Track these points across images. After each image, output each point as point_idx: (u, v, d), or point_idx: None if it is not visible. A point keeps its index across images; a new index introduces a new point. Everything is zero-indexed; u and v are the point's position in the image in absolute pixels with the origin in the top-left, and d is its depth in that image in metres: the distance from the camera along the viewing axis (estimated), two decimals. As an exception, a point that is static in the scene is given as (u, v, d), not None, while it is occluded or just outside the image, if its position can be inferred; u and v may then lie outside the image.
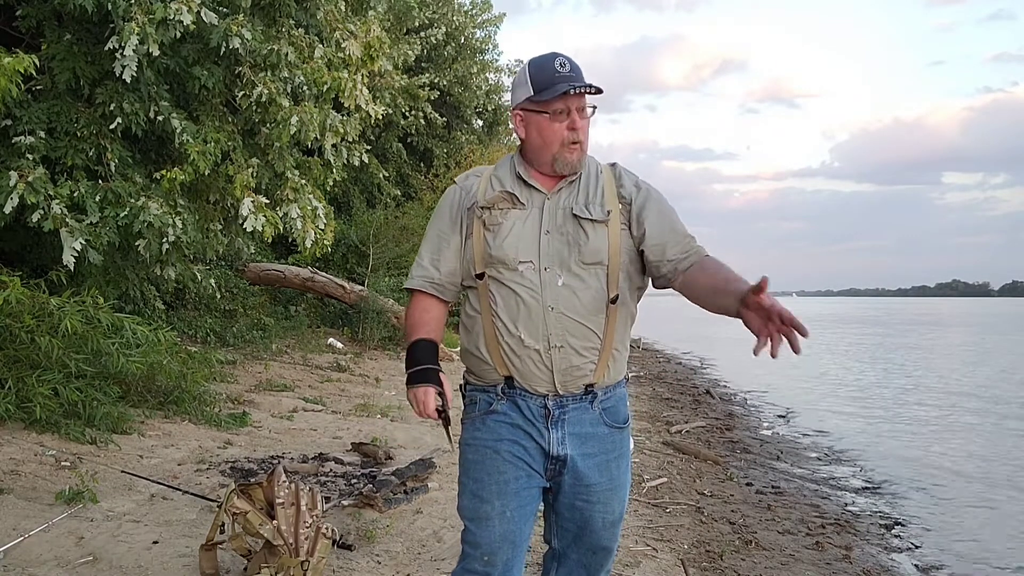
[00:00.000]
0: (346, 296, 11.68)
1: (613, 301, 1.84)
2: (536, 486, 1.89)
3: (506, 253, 1.83)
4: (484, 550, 1.87)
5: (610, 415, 1.90)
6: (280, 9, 6.22)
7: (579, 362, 1.83)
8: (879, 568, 4.24)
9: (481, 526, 1.87)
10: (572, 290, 1.82)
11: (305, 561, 2.69)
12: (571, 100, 1.83)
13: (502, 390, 1.87)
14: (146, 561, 3.07)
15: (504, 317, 1.84)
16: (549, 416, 1.85)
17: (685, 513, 4.81)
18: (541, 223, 1.85)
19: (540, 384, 1.84)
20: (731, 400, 11.37)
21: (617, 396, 1.93)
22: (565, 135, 1.84)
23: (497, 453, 1.87)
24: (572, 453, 1.86)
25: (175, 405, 5.72)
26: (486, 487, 1.87)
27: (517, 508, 1.87)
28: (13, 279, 4.74)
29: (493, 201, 1.88)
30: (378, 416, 6.75)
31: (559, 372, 1.82)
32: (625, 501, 1.96)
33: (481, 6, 19.79)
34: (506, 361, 1.85)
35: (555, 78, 1.83)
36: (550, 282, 1.81)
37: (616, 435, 1.91)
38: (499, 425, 1.87)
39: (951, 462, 7.52)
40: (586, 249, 1.82)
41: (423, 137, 17.91)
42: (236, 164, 6.05)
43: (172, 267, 6.78)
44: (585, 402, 1.86)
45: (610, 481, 1.89)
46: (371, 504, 3.91)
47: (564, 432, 1.85)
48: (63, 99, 5.40)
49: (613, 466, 1.90)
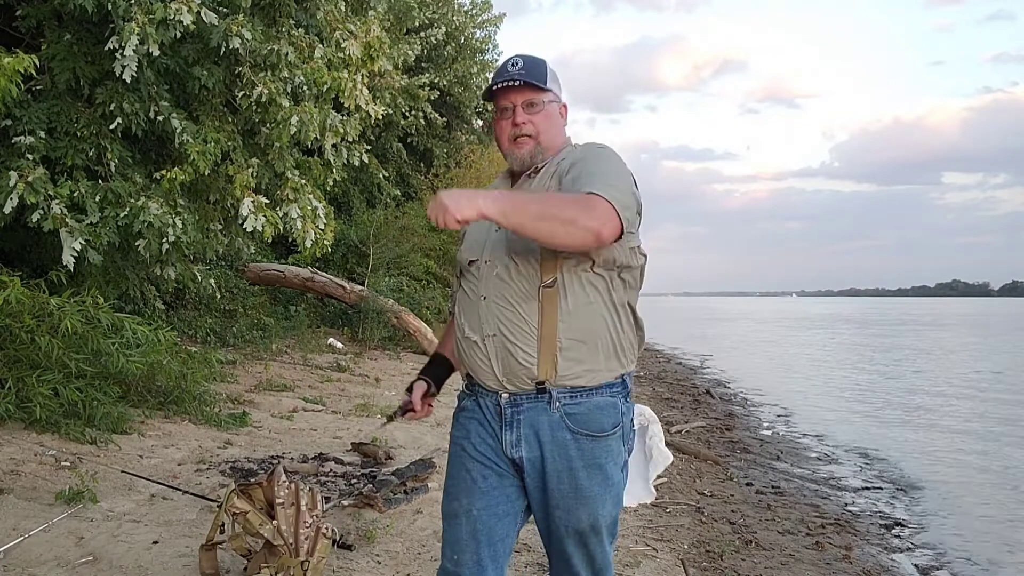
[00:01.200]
0: (346, 296, 11.68)
1: (549, 286, 1.75)
2: (511, 485, 1.84)
3: (463, 256, 1.91)
4: (453, 548, 1.85)
5: (577, 421, 1.77)
6: (280, 9, 6.22)
7: (512, 350, 1.77)
8: (879, 568, 4.24)
9: (450, 524, 1.87)
10: (503, 278, 1.79)
11: (305, 561, 2.69)
12: (513, 96, 1.84)
13: (467, 387, 1.92)
14: (146, 561, 3.07)
15: (458, 314, 1.92)
16: (502, 415, 1.81)
17: (685, 513, 4.82)
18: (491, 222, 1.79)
19: (488, 378, 1.82)
20: (731, 400, 11.38)
21: (593, 404, 1.78)
22: (509, 131, 1.87)
23: (464, 451, 1.88)
24: (528, 455, 1.80)
25: (175, 405, 5.72)
26: (455, 484, 1.88)
27: (485, 507, 1.83)
28: (13, 279, 4.74)
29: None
30: (378, 416, 6.75)
31: (497, 362, 1.79)
32: (600, 514, 1.80)
33: (481, 6, 19.79)
34: (462, 356, 1.90)
35: (500, 76, 1.86)
36: (487, 273, 1.82)
37: (585, 443, 1.77)
38: (468, 421, 1.89)
39: (951, 462, 7.53)
40: (514, 236, 1.74)
41: (423, 137, 17.90)
42: (236, 164, 6.05)
43: (172, 267, 6.78)
44: (541, 402, 1.77)
45: (574, 490, 1.77)
46: (371, 504, 3.91)
47: (519, 433, 1.80)
48: (63, 99, 5.40)
49: (581, 475, 1.77)
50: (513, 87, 1.84)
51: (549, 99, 1.88)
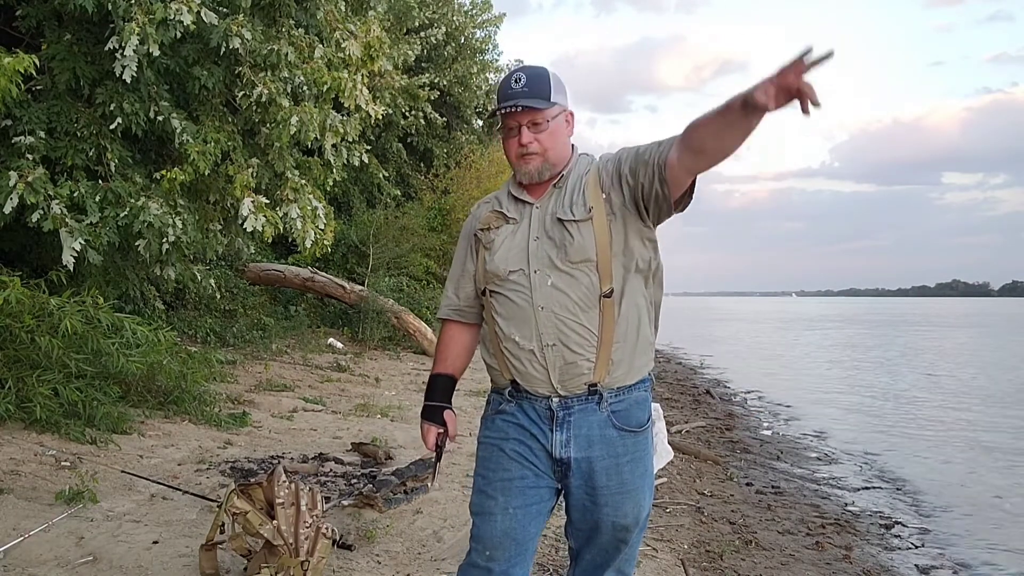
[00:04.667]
0: (346, 296, 11.69)
1: (608, 295, 1.84)
2: (545, 486, 1.91)
3: (497, 266, 1.91)
4: (486, 544, 1.90)
5: (621, 418, 1.87)
6: (280, 9, 6.22)
7: (573, 359, 1.83)
8: (879, 568, 4.24)
9: (484, 521, 1.91)
10: (561, 288, 1.84)
11: (305, 561, 2.69)
12: (518, 116, 1.88)
13: (509, 393, 1.93)
14: (146, 561, 3.07)
15: (502, 323, 1.90)
16: (554, 418, 1.86)
17: (685, 513, 4.81)
18: (530, 231, 1.90)
19: (540, 385, 1.86)
20: (731, 400, 11.38)
21: (632, 400, 1.89)
22: (516, 149, 1.90)
23: (502, 451, 1.92)
24: (576, 456, 1.86)
25: (175, 405, 5.72)
26: (491, 483, 1.92)
27: (521, 506, 1.89)
28: (13, 279, 4.74)
29: (487, 222, 1.98)
30: (378, 416, 6.75)
31: (555, 371, 1.84)
32: (643, 506, 1.92)
33: (481, 6, 19.79)
34: (508, 365, 1.90)
35: (504, 95, 1.89)
36: (540, 283, 1.85)
37: (628, 439, 1.88)
38: (507, 425, 1.92)
39: (951, 462, 7.52)
40: (572, 249, 1.83)
41: (423, 137, 17.90)
42: (236, 164, 6.05)
43: (172, 267, 6.78)
44: (591, 403, 1.86)
45: (620, 485, 1.87)
46: (371, 504, 3.91)
47: (569, 434, 1.86)
48: (63, 99, 5.40)
49: (625, 470, 1.87)
50: (507, 112, 1.87)
51: (554, 114, 1.90)
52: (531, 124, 1.88)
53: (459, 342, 2.07)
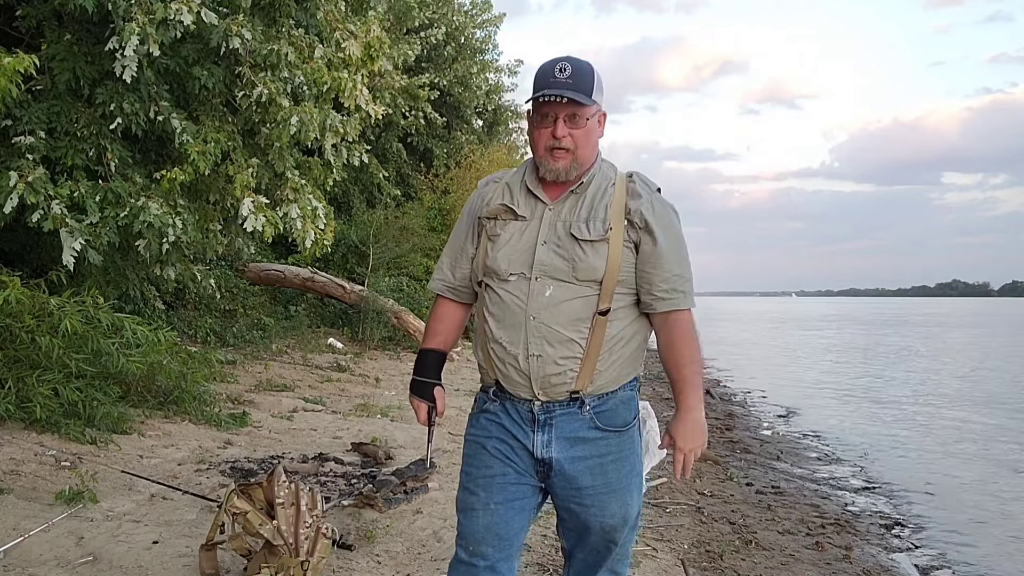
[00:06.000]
0: (346, 296, 11.68)
1: (603, 313, 1.81)
2: (527, 484, 1.90)
3: (498, 265, 1.87)
4: (469, 540, 1.90)
5: (604, 419, 1.86)
6: (280, 9, 6.21)
7: (555, 371, 1.81)
8: (879, 568, 4.24)
9: (467, 516, 1.92)
10: (557, 301, 1.80)
11: (305, 561, 2.69)
12: (557, 107, 1.80)
13: (494, 392, 1.93)
14: (146, 561, 3.07)
15: (492, 323, 1.88)
16: (535, 420, 1.86)
17: (685, 513, 4.81)
18: (539, 234, 1.85)
19: (522, 390, 1.85)
20: (731, 400, 11.39)
21: (617, 400, 1.88)
22: (548, 140, 1.82)
23: (485, 449, 1.92)
24: (558, 456, 1.85)
25: (175, 405, 5.72)
26: (474, 480, 1.92)
27: (503, 502, 1.88)
28: (13, 279, 4.74)
29: (494, 213, 1.91)
30: (378, 416, 6.74)
31: (536, 380, 1.83)
32: (630, 505, 1.91)
33: (481, 6, 19.76)
34: (494, 365, 1.89)
35: (545, 83, 1.80)
36: (538, 292, 1.81)
37: (612, 438, 1.87)
38: (490, 423, 1.92)
39: (951, 462, 7.53)
40: (581, 266, 1.80)
41: (423, 137, 17.89)
42: (236, 164, 6.04)
43: (172, 267, 6.77)
44: (573, 408, 1.85)
45: (605, 484, 1.86)
46: (371, 504, 3.90)
47: (551, 435, 1.85)
48: (63, 99, 5.39)
49: (610, 469, 1.86)
50: (547, 100, 1.79)
51: (592, 113, 1.84)
52: (568, 118, 1.80)
53: (452, 318, 2.05)
